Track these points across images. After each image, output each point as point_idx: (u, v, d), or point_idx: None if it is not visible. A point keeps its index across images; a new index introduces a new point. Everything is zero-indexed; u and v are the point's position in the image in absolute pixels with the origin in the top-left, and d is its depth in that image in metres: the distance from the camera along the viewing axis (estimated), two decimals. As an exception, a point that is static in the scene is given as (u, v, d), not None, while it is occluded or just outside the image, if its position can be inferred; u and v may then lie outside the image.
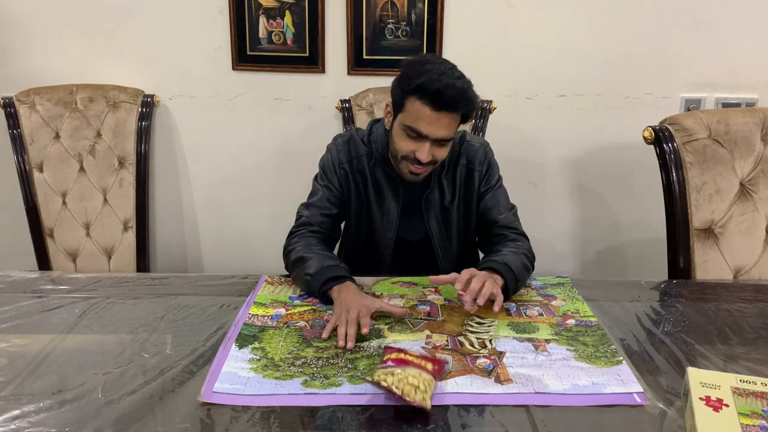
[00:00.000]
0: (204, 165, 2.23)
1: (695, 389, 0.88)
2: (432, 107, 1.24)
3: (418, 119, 1.26)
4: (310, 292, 1.28)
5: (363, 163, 1.44)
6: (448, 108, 1.24)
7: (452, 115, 1.26)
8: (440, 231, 1.47)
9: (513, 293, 1.28)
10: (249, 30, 2.06)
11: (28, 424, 0.87)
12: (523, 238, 1.43)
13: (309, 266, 1.28)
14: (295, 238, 1.39)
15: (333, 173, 1.44)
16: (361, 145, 1.45)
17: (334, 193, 1.44)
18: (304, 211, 1.44)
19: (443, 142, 1.29)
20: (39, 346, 1.08)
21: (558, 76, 2.09)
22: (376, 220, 1.46)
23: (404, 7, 2.02)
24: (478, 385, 0.97)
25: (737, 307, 1.26)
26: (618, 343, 1.10)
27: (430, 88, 1.23)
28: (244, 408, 0.91)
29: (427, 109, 1.24)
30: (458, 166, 1.44)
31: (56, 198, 2.05)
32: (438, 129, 1.26)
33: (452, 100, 1.23)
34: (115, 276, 1.43)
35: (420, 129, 1.26)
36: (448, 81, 1.23)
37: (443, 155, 1.33)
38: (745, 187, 1.57)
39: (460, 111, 1.27)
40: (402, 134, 1.30)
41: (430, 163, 1.32)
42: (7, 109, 2.00)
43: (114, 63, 2.11)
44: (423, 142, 1.28)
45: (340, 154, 1.44)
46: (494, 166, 1.48)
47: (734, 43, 2.03)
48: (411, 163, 1.31)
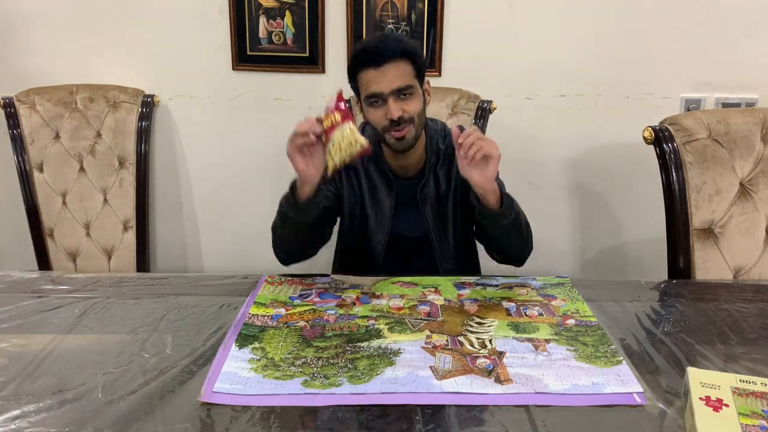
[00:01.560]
0: (204, 165, 2.23)
1: (695, 389, 0.88)
2: (373, 66, 1.31)
3: (369, 84, 1.33)
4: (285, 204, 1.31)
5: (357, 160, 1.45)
6: (380, 58, 1.30)
7: (393, 64, 1.31)
8: (436, 223, 1.47)
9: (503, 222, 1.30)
10: (249, 30, 2.06)
11: (28, 424, 0.87)
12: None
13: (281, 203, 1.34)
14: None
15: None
16: None
17: (327, 187, 1.45)
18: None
19: (403, 93, 1.33)
20: (39, 346, 1.08)
21: (558, 76, 2.09)
22: (370, 216, 1.47)
23: (404, 7, 2.02)
24: (478, 385, 0.97)
25: (737, 307, 1.26)
26: (618, 343, 1.10)
27: (357, 54, 1.34)
28: (244, 408, 0.91)
29: (369, 72, 1.32)
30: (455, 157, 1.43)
31: (56, 198, 2.05)
32: (387, 82, 1.31)
33: (377, 48, 1.31)
34: (115, 276, 1.43)
35: (373, 90, 1.32)
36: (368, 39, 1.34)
37: (414, 107, 1.35)
38: (745, 187, 1.57)
39: (393, 55, 1.30)
40: (369, 108, 1.36)
41: (407, 121, 1.34)
42: (7, 109, 2.00)
43: (114, 63, 2.11)
44: (385, 102, 1.32)
45: None
46: None
47: (734, 43, 2.03)
48: (391, 130, 1.34)
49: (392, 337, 1.11)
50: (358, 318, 1.19)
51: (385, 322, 1.17)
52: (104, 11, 2.05)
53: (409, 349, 1.07)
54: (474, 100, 1.98)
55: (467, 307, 1.24)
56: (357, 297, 1.28)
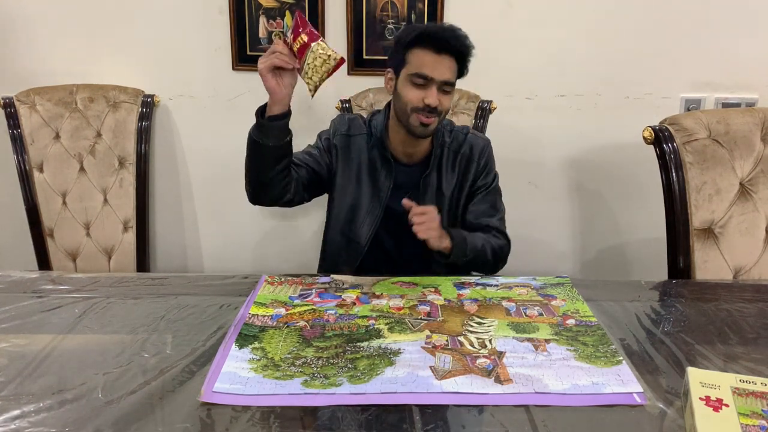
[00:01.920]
0: (204, 165, 2.23)
1: (695, 389, 0.88)
2: (433, 50, 1.34)
3: (422, 65, 1.35)
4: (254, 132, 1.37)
5: (361, 142, 1.51)
6: (447, 48, 1.35)
7: (451, 59, 1.36)
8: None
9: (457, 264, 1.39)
10: (249, 30, 2.06)
11: (28, 424, 0.87)
12: (503, 237, 1.50)
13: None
14: None
15: (327, 140, 1.53)
16: (361, 126, 1.53)
17: (320, 155, 1.51)
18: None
19: (447, 87, 1.38)
20: (39, 346, 1.08)
21: (558, 76, 2.09)
22: (364, 193, 1.50)
23: (404, 7, 2.02)
24: (478, 385, 0.97)
25: (737, 307, 1.26)
26: (618, 343, 1.10)
27: (429, 32, 1.35)
28: (244, 408, 0.91)
29: (429, 54, 1.35)
30: (459, 154, 1.51)
31: (56, 198, 2.05)
32: (442, 71, 1.35)
33: (450, 39, 1.34)
34: (115, 276, 1.43)
35: (425, 72, 1.35)
36: (446, 26, 1.38)
37: (447, 104, 1.41)
38: (745, 187, 1.57)
39: (458, 52, 1.36)
40: (409, 85, 1.38)
41: (438, 113, 1.38)
42: (7, 109, 2.01)
43: (114, 63, 2.11)
44: (430, 87, 1.36)
45: (341, 126, 1.53)
46: (492, 164, 1.55)
47: (734, 43, 2.03)
48: (421, 114, 1.37)
49: (392, 337, 1.11)
50: (358, 318, 1.19)
51: (385, 322, 1.17)
52: (104, 11, 2.05)
53: (409, 349, 1.07)
54: (474, 100, 1.99)
55: (467, 307, 1.24)
56: (357, 297, 1.28)
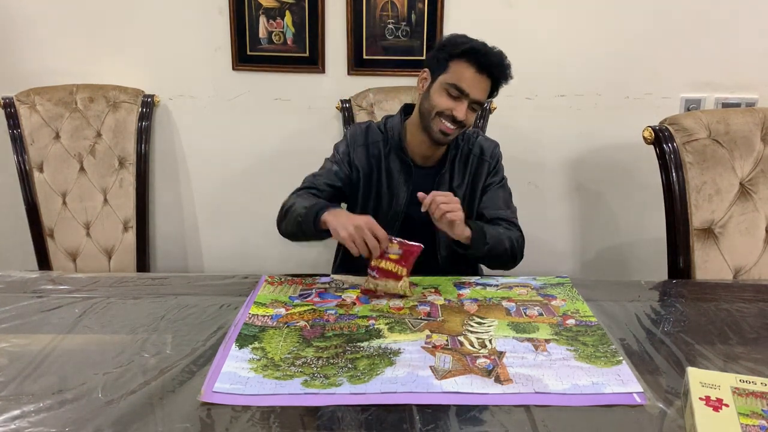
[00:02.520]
0: (204, 165, 2.23)
1: (695, 389, 0.88)
2: (476, 69, 1.38)
3: (462, 78, 1.39)
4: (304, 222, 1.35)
5: (379, 149, 1.53)
6: (489, 71, 1.39)
7: (489, 81, 1.41)
8: None
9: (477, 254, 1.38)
10: (249, 30, 2.06)
11: (28, 424, 0.87)
12: (516, 230, 1.50)
13: (305, 205, 1.39)
14: (293, 196, 1.49)
15: (346, 153, 1.54)
16: (377, 132, 1.55)
17: (342, 170, 1.53)
18: (310, 178, 1.54)
19: (476, 105, 1.42)
20: (39, 346, 1.08)
21: (558, 76, 2.09)
22: (384, 203, 1.52)
23: (404, 7, 2.02)
24: (478, 385, 0.97)
25: (737, 307, 1.26)
26: (618, 343, 1.10)
27: (479, 50, 1.39)
28: (244, 408, 0.91)
29: (471, 70, 1.38)
30: (471, 155, 1.54)
31: (56, 198, 2.05)
32: (478, 90, 1.40)
33: (495, 64, 1.39)
34: (115, 276, 1.43)
35: (463, 87, 1.39)
36: (493, 49, 1.40)
37: (472, 120, 1.45)
38: (745, 187, 1.57)
39: (495, 74, 1.40)
40: (442, 92, 1.41)
41: (461, 126, 1.42)
42: (7, 109, 2.00)
43: (114, 63, 2.11)
44: (462, 101, 1.40)
45: (357, 138, 1.54)
46: (501, 166, 1.57)
47: (734, 43, 2.03)
48: (445, 121, 1.41)
49: (392, 337, 1.11)
50: (358, 318, 1.19)
51: (385, 322, 1.17)
52: (104, 11, 2.05)
53: (409, 349, 1.07)
54: (474, 100, 1.98)
55: (467, 307, 1.24)
56: (357, 297, 1.28)
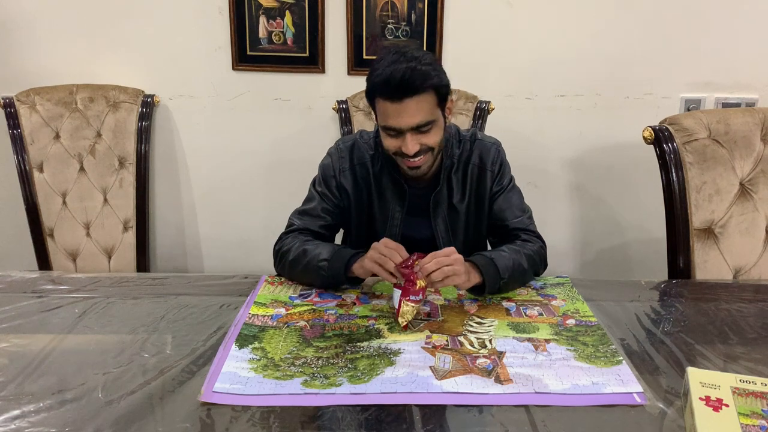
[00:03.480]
0: (204, 165, 2.23)
1: (695, 389, 0.88)
2: (390, 100, 1.21)
3: (386, 116, 1.24)
4: (330, 276, 1.27)
5: (367, 168, 1.40)
6: (403, 94, 1.19)
7: (415, 99, 1.21)
8: (446, 231, 1.42)
9: (496, 290, 1.26)
10: (249, 30, 2.06)
11: (28, 424, 0.87)
12: (535, 239, 1.39)
13: (320, 254, 1.28)
14: (288, 239, 1.37)
15: (332, 178, 1.41)
16: (365, 150, 1.41)
17: (331, 201, 1.41)
18: (296, 219, 1.41)
19: (423, 128, 1.24)
20: (39, 346, 1.08)
21: (558, 76, 2.09)
22: (378, 224, 1.43)
23: (404, 7, 2.02)
24: (478, 385, 0.97)
25: (737, 307, 1.26)
26: (618, 343, 1.10)
27: (379, 83, 1.21)
28: (244, 408, 0.92)
29: (388, 104, 1.22)
30: (470, 165, 1.41)
31: (56, 198, 2.05)
32: (407, 118, 1.22)
33: (400, 85, 1.19)
34: (115, 276, 1.43)
35: (391, 124, 1.24)
36: (393, 68, 1.19)
37: (434, 140, 1.27)
38: (744, 187, 1.57)
39: (418, 91, 1.20)
40: (385, 135, 1.28)
41: (424, 152, 1.27)
42: (7, 109, 2.00)
43: (114, 63, 2.11)
44: (402, 136, 1.25)
45: (342, 161, 1.41)
46: (506, 166, 1.44)
47: (734, 43, 2.03)
48: (405, 159, 1.28)
49: (392, 337, 1.11)
50: (358, 318, 1.19)
51: (385, 322, 1.17)
52: (104, 11, 2.05)
53: (409, 349, 1.07)
54: (472, 100, 1.99)
55: (467, 307, 1.24)
56: (357, 297, 1.28)
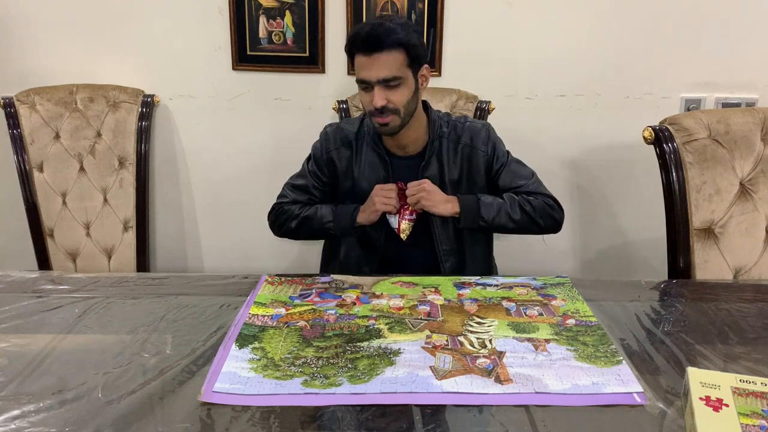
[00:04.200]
0: (204, 165, 2.23)
1: (695, 389, 0.88)
2: (362, 53, 1.35)
3: (359, 69, 1.37)
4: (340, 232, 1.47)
5: (351, 145, 1.53)
6: (372, 47, 1.33)
7: (384, 54, 1.33)
8: None
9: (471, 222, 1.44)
10: (249, 30, 2.06)
11: (28, 424, 0.87)
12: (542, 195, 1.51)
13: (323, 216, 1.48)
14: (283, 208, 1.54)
15: (321, 158, 1.55)
16: (349, 131, 1.54)
17: (320, 180, 1.55)
18: (289, 192, 1.58)
19: (390, 83, 1.36)
20: (39, 346, 1.08)
21: (558, 76, 2.09)
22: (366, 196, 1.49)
23: (404, 7, 2.02)
24: (478, 385, 0.97)
25: (737, 307, 1.26)
26: (618, 343, 1.10)
27: (351, 38, 1.36)
28: (244, 408, 0.92)
29: (361, 58, 1.35)
30: (460, 144, 1.50)
31: (56, 198, 2.05)
32: (376, 71, 1.34)
33: (367, 37, 1.33)
34: (115, 276, 1.43)
35: (362, 77, 1.37)
36: (365, 24, 1.38)
37: (400, 99, 1.38)
38: (745, 187, 1.57)
39: (384, 46, 1.33)
40: (360, 92, 1.41)
41: (392, 111, 1.38)
42: (7, 109, 2.00)
43: (114, 63, 2.11)
44: (371, 89, 1.37)
45: (329, 142, 1.55)
46: (499, 143, 1.55)
47: (734, 43, 2.03)
48: (375, 116, 1.39)
49: (392, 337, 1.11)
50: (358, 318, 1.19)
51: (385, 322, 1.17)
52: (104, 11, 2.05)
53: (409, 349, 1.07)
54: (473, 100, 1.98)
55: (467, 307, 1.24)
56: (357, 297, 1.28)
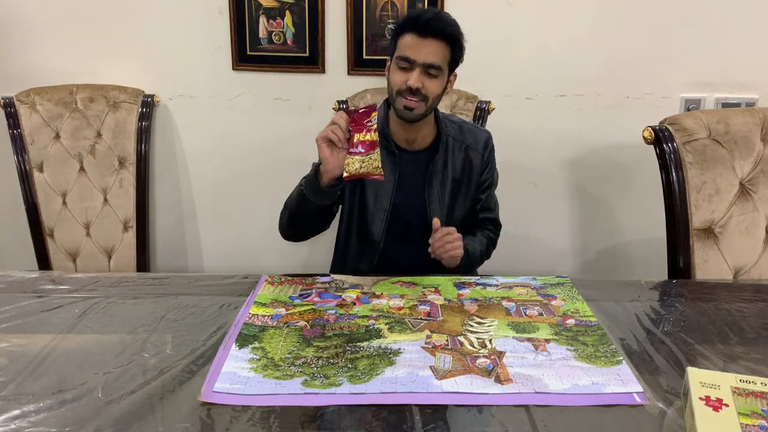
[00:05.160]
0: (204, 165, 2.23)
1: (695, 389, 0.88)
2: (416, 34, 1.36)
3: (406, 48, 1.38)
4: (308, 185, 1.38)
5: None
6: (431, 31, 1.36)
7: (437, 42, 1.37)
8: (439, 201, 1.51)
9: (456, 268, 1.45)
10: (249, 30, 2.06)
11: (28, 424, 0.87)
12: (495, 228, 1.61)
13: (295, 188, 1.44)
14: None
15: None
16: None
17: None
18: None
19: (432, 70, 1.38)
20: (39, 346, 1.08)
21: (558, 76, 2.09)
22: (369, 193, 1.51)
23: (404, 7, 2.02)
24: (478, 385, 0.97)
25: (737, 307, 1.26)
26: (618, 343, 1.10)
27: (411, 17, 1.38)
28: (244, 408, 0.92)
29: (413, 36, 1.37)
30: (464, 144, 1.53)
31: (56, 198, 2.05)
32: (425, 54, 1.36)
33: (431, 21, 1.36)
34: (115, 276, 1.43)
35: (408, 55, 1.37)
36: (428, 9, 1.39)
37: (434, 88, 1.40)
38: (744, 187, 1.57)
39: (443, 34, 1.37)
40: (395, 69, 1.41)
41: (422, 97, 1.38)
42: (7, 109, 2.00)
43: (114, 63, 2.11)
44: (413, 70, 1.37)
45: None
46: (493, 159, 1.58)
47: (734, 43, 2.03)
48: (404, 96, 1.39)
49: (392, 337, 1.11)
50: (358, 318, 1.19)
51: (385, 322, 1.17)
52: (104, 11, 2.05)
53: (409, 348, 1.07)
54: (473, 100, 1.99)
55: (467, 307, 1.24)
56: (357, 297, 1.28)
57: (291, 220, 1.46)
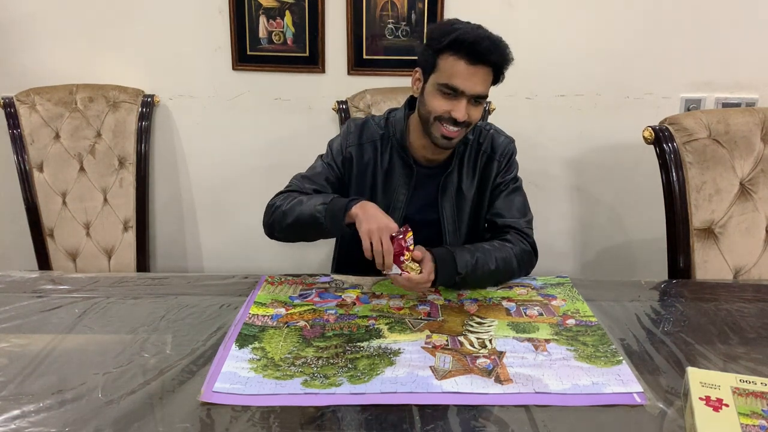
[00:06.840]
0: (204, 165, 2.23)
1: (695, 389, 0.88)
2: (467, 61, 1.23)
3: (453, 75, 1.24)
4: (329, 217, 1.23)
5: (376, 147, 1.41)
6: (483, 60, 1.23)
7: (487, 70, 1.25)
8: (453, 215, 1.43)
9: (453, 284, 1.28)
10: (249, 30, 2.06)
11: (28, 424, 0.88)
12: (521, 241, 1.38)
13: (317, 201, 1.27)
14: (284, 195, 1.37)
15: (339, 153, 1.43)
16: (375, 130, 1.43)
17: (334, 174, 1.42)
18: (297, 181, 1.41)
19: (478, 99, 1.27)
20: (39, 346, 1.08)
21: (558, 76, 2.09)
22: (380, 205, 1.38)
23: (404, 7, 2.02)
24: (478, 385, 0.97)
25: (737, 307, 1.26)
26: (618, 343, 1.10)
27: (464, 40, 1.22)
28: (244, 408, 0.92)
29: (462, 64, 1.23)
30: (480, 152, 1.43)
31: (56, 198, 2.05)
32: (474, 84, 1.24)
33: (487, 50, 1.22)
34: (115, 276, 1.43)
35: (456, 85, 1.24)
36: (482, 33, 1.23)
37: (477, 116, 1.30)
38: (745, 187, 1.57)
39: (495, 63, 1.25)
40: (436, 94, 1.27)
41: (465, 125, 1.29)
42: (7, 109, 2.00)
43: (114, 63, 2.11)
44: (459, 99, 1.25)
45: (351, 137, 1.43)
46: (514, 163, 1.46)
47: (734, 43, 2.02)
48: (445, 125, 1.28)
49: (392, 337, 1.11)
50: (358, 318, 1.19)
51: (385, 322, 1.17)
52: (104, 11, 2.05)
53: (409, 348, 1.07)
54: (474, 100, 1.98)
55: (467, 307, 1.24)
56: (357, 297, 1.28)
57: (290, 228, 1.33)
